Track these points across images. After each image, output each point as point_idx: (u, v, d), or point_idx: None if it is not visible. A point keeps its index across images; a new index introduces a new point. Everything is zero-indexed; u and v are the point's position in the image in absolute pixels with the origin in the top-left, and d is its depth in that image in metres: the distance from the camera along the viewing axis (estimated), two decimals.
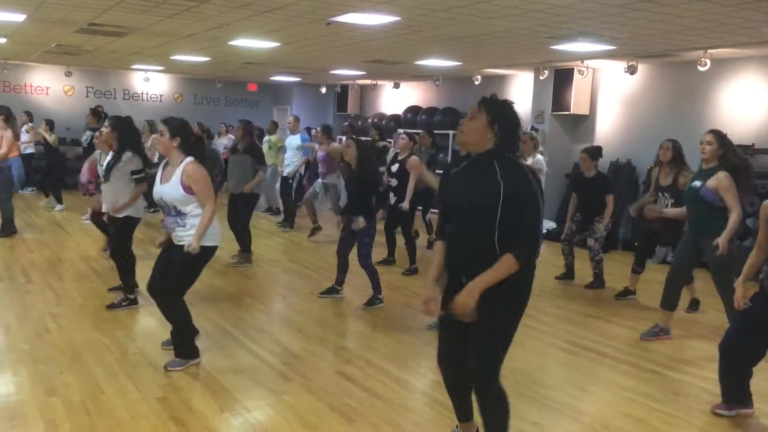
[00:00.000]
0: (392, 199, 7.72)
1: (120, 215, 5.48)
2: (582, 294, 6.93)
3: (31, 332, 4.96)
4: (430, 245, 8.23)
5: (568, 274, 7.44)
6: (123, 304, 5.62)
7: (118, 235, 5.66)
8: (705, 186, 4.92)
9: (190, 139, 4.30)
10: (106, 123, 5.82)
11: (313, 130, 14.46)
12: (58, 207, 11.06)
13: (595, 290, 7.05)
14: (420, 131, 9.61)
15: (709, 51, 8.16)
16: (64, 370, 4.23)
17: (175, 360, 4.34)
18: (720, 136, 4.98)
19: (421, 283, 6.58)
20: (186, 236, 4.20)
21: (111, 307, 5.59)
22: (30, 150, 13.15)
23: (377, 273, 6.04)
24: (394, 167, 7.69)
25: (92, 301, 5.84)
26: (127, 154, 5.47)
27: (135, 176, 5.47)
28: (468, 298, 2.75)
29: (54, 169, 11.81)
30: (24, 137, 13.07)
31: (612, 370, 4.68)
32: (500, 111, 2.84)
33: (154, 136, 11.16)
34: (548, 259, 8.68)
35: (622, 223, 10.02)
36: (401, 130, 8.86)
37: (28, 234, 8.87)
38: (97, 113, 10.31)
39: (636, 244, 6.27)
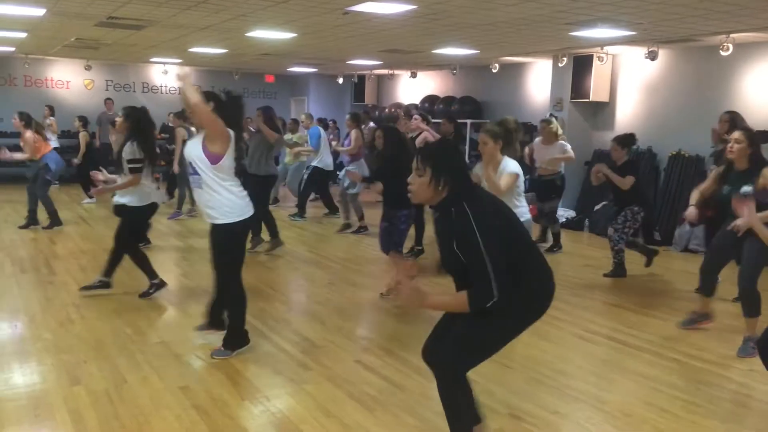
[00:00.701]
0: None
1: (116, 202, 5.59)
2: (603, 283, 6.88)
3: (55, 322, 5.04)
4: None
5: (617, 271, 7.19)
6: (151, 291, 5.71)
7: (121, 224, 5.70)
8: (754, 189, 4.59)
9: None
10: (120, 112, 5.87)
11: (330, 122, 14.49)
12: (87, 201, 11.18)
13: (616, 279, 6.99)
14: (440, 120, 9.60)
15: (732, 35, 8.01)
16: (88, 360, 4.29)
17: (221, 350, 4.41)
18: (749, 134, 4.81)
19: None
20: (216, 215, 4.20)
21: (144, 295, 5.70)
22: (54, 144, 13.28)
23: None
24: None
25: (114, 292, 5.90)
26: (130, 144, 5.50)
27: (130, 165, 5.47)
28: (415, 299, 2.69)
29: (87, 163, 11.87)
30: (46, 132, 13.22)
31: (634, 359, 4.65)
32: (440, 161, 2.71)
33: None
34: (570, 248, 8.63)
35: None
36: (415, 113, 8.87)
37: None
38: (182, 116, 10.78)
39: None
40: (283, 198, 12.00)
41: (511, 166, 4.99)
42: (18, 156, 8.67)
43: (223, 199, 4.19)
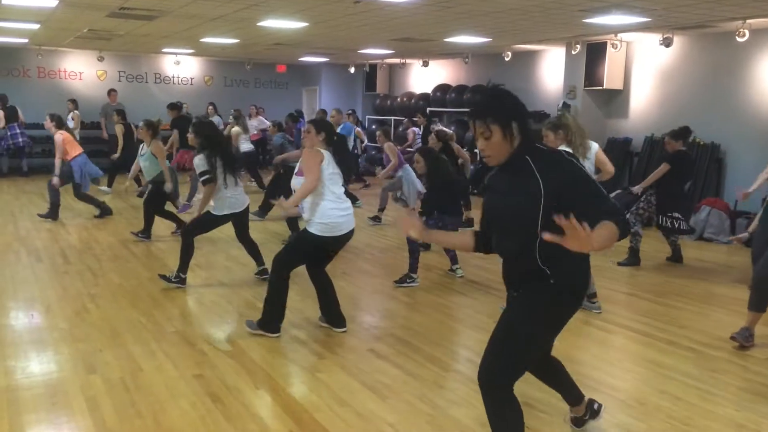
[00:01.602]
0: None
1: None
2: (616, 271, 6.84)
3: (71, 312, 5.08)
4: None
5: (675, 257, 7.28)
6: (173, 280, 5.76)
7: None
8: None
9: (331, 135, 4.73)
10: (191, 129, 5.93)
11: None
12: (104, 188, 11.23)
13: (631, 268, 6.96)
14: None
15: (748, 21, 7.91)
16: (104, 349, 4.33)
17: (252, 321, 4.67)
18: None
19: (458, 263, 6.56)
20: (309, 220, 4.50)
21: (164, 278, 5.77)
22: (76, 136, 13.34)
23: (419, 252, 6.08)
24: None
25: (129, 281, 5.95)
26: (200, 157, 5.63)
27: (202, 178, 5.60)
28: (593, 240, 2.09)
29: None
30: (69, 124, 13.30)
31: (648, 348, 4.63)
32: (506, 109, 2.46)
33: (236, 128, 11.42)
34: None
35: None
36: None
37: (67, 217, 9.06)
38: (175, 107, 10.83)
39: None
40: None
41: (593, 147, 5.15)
42: (57, 162, 8.65)
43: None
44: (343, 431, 3.31)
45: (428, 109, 13.84)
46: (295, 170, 4.63)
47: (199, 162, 5.59)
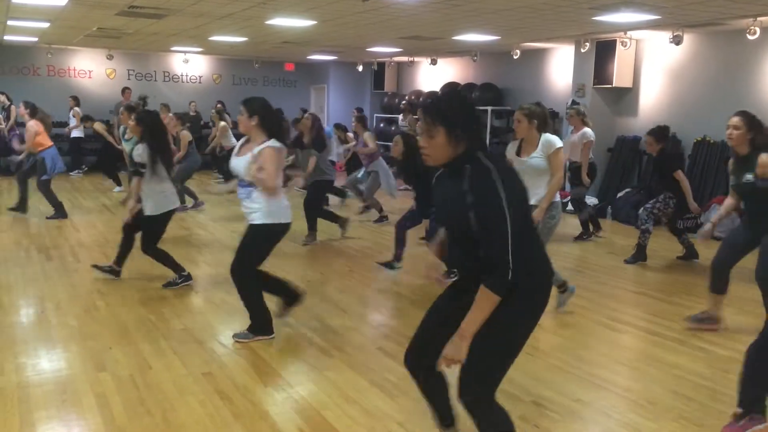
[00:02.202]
0: None
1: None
2: (626, 270, 6.81)
3: (80, 309, 5.10)
4: None
5: (689, 254, 7.19)
6: (178, 281, 5.75)
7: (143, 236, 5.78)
8: (756, 177, 4.41)
9: (271, 119, 4.36)
10: (133, 117, 5.80)
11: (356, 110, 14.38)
12: (117, 189, 11.31)
13: (640, 265, 6.92)
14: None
15: (759, 18, 7.85)
16: (113, 346, 4.34)
17: (243, 332, 4.50)
18: (749, 119, 4.58)
19: None
20: (254, 212, 4.31)
21: (167, 285, 5.72)
22: (78, 133, 13.45)
23: (405, 242, 6.25)
24: None
25: (138, 279, 5.97)
26: (139, 147, 5.53)
27: (134, 168, 5.58)
28: (457, 349, 2.39)
29: (106, 152, 11.94)
30: (72, 122, 13.38)
31: (658, 347, 4.60)
32: (456, 114, 2.39)
33: (223, 124, 11.33)
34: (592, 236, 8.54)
35: None
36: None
37: (75, 215, 9.10)
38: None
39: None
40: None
41: (557, 141, 4.82)
42: (17, 147, 8.70)
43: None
44: (351, 429, 3.30)
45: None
46: (236, 151, 4.46)
47: (140, 153, 5.48)
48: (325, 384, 3.85)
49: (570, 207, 9.26)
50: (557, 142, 4.80)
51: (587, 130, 8.11)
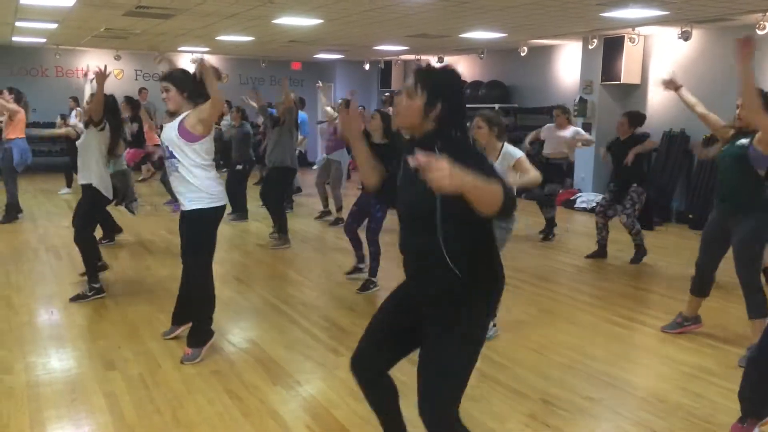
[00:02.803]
0: None
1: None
2: (634, 268, 6.78)
3: (90, 308, 5.12)
4: None
5: (600, 252, 7.09)
6: (89, 295, 5.30)
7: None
8: (753, 145, 4.24)
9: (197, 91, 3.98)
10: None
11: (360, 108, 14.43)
12: (64, 191, 11.11)
13: (648, 263, 6.89)
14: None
15: None
16: (122, 345, 4.35)
17: (190, 353, 4.10)
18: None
19: None
20: (189, 201, 4.00)
21: (75, 299, 5.29)
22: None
23: (380, 254, 5.78)
24: None
25: (146, 279, 5.99)
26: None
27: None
28: (450, 177, 1.81)
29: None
30: (73, 121, 13.39)
31: (667, 344, 4.58)
32: (442, 84, 2.30)
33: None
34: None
35: (675, 196, 9.76)
36: None
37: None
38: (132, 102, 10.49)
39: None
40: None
41: (517, 151, 4.65)
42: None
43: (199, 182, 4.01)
44: (360, 427, 3.30)
45: None
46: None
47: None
48: (334, 382, 3.85)
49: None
50: (517, 152, 4.63)
51: (576, 128, 8.22)
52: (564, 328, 4.85)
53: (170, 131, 3.98)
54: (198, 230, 4.08)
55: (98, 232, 6.15)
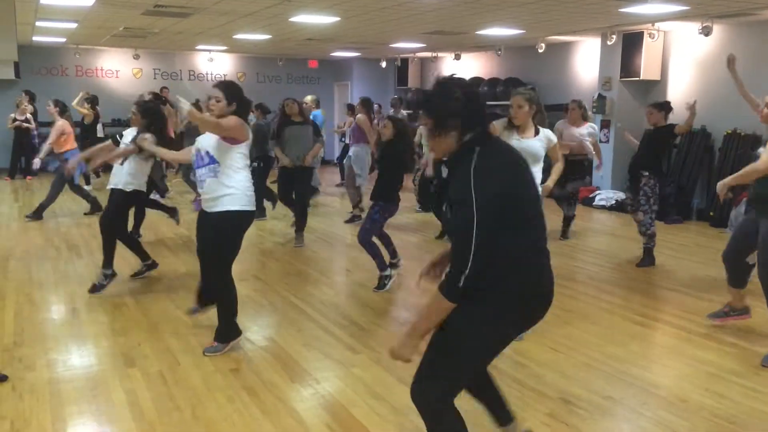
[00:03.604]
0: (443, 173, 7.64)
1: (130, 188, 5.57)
2: (655, 267, 6.70)
3: (110, 306, 5.17)
4: None
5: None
6: (144, 271, 5.86)
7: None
8: None
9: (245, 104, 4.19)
10: (133, 109, 5.79)
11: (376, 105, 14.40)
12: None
13: (669, 261, 6.82)
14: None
15: None
16: (142, 342, 4.39)
17: (213, 345, 4.20)
18: None
19: None
20: (223, 204, 4.03)
21: (93, 290, 5.50)
22: (99, 133, 13.51)
23: (378, 250, 5.74)
24: None
25: (166, 276, 6.03)
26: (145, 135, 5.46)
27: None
28: (401, 345, 2.30)
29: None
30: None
31: (689, 344, 4.52)
32: (438, 105, 2.30)
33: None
34: (621, 231, 8.45)
35: (695, 194, 9.65)
36: None
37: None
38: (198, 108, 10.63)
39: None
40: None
41: (554, 136, 4.80)
42: (46, 147, 8.70)
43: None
44: (379, 426, 3.29)
45: None
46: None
47: (153, 139, 5.40)
48: (352, 381, 3.85)
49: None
50: (554, 137, 4.81)
51: (592, 125, 8.03)
52: (584, 327, 4.81)
53: (209, 138, 4.07)
54: (227, 232, 4.13)
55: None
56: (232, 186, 4.05)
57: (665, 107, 6.77)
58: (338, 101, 17.44)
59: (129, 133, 5.73)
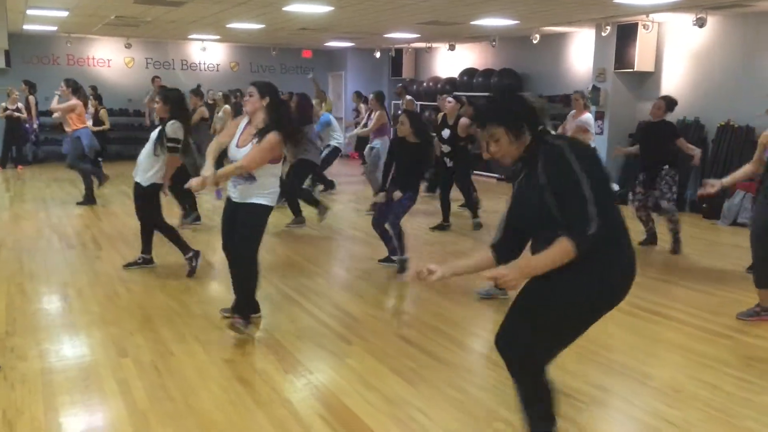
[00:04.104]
0: (448, 163, 7.68)
1: (147, 183, 5.60)
2: (650, 257, 6.72)
3: (102, 296, 5.14)
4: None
5: (650, 239, 7.05)
6: (194, 264, 5.71)
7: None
8: None
9: (278, 102, 4.33)
10: (157, 97, 5.83)
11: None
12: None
13: (663, 252, 6.84)
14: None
15: None
16: (135, 332, 4.37)
17: (240, 321, 4.32)
18: None
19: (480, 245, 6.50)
20: (255, 196, 4.24)
21: (190, 273, 5.66)
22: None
23: (403, 235, 5.91)
24: (445, 133, 7.61)
25: (158, 266, 6.00)
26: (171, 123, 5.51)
27: (170, 144, 5.50)
28: (507, 273, 2.34)
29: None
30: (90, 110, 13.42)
31: (682, 335, 4.54)
32: (513, 111, 2.48)
33: (226, 106, 11.23)
34: None
35: (689, 184, 9.67)
36: (446, 96, 8.55)
37: (96, 203, 9.16)
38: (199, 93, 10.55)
39: None
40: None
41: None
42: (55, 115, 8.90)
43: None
44: (371, 416, 3.29)
45: (454, 93, 13.72)
46: (236, 142, 4.29)
47: (174, 129, 5.48)
48: (345, 371, 3.84)
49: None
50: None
51: (588, 115, 8.08)
52: None
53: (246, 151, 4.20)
54: (257, 222, 4.34)
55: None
56: (264, 183, 4.27)
57: (672, 106, 6.81)
58: (332, 91, 17.36)
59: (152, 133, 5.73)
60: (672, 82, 10.19)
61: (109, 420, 3.24)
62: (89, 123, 12.50)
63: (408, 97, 12.28)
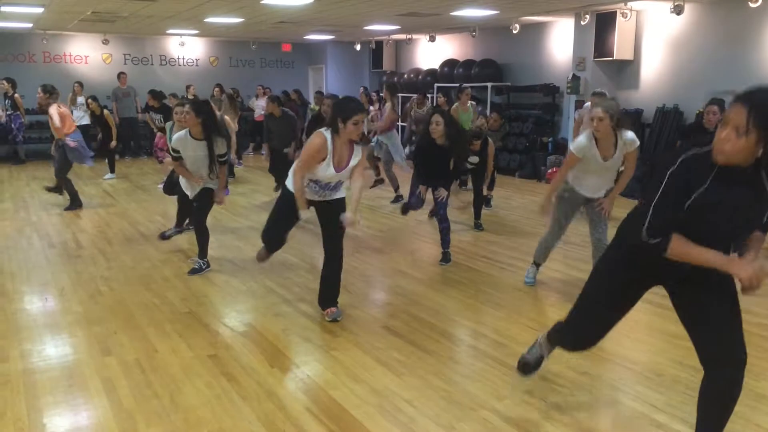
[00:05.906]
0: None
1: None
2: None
3: (85, 295, 5.10)
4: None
5: None
6: (204, 267, 5.72)
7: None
8: None
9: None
10: (187, 108, 5.68)
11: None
12: (108, 176, 11.26)
13: None
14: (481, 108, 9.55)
15: None
16: (118, 331, 4.33)
17: (335, 311, 4.57)
18: None
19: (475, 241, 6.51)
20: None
21: (193, 272, 5.66)
22: (86, 121, 13.24)
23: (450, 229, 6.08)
24: (473, 159, 7.59)
25: (141, 264, 5.96)
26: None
27: (221, 159, 5.62)
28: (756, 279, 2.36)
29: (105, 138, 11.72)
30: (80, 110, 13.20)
31: (663, 319, 4.58)
32: None
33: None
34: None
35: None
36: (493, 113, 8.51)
37: (83, 207, 9.03)
38: (158, 95, 10.58)
39: None
40: None
41: (635, 139, 4.68)
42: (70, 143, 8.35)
43: None
44: (359, 408, 3.30)
45: (436, 84, 13.73)
46: (328, 161, 4.26)
47: (221, 145, 5.56)
48: (331, 363, 3.84)
49: None
50: (636, 140, 4.67)
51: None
52: (559, 304, 4.85)
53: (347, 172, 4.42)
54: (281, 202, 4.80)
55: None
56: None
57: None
58: (313, 86, 17.30)
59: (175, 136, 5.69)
60: (651, 70, 10.27)
61: (94, 419, 3.22)
62: (82, 112, 12.39)
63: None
